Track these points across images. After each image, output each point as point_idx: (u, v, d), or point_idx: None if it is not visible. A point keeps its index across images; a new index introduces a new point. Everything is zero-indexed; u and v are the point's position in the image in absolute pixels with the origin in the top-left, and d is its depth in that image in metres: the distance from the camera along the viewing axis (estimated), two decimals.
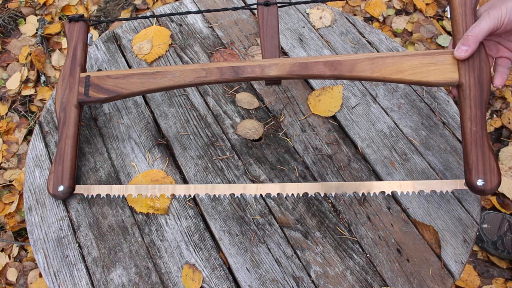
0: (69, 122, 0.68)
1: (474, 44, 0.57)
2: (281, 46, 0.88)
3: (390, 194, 0.69)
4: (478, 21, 0.56)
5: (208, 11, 0.74)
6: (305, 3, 0.72)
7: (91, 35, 0.74)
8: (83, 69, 0.71)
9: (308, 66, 0.63)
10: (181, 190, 0.68)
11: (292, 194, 0.68)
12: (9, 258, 1.22)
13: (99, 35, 1.60)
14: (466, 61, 0.59)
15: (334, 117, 0.78)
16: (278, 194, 0.68)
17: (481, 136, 0.58)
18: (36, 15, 1.68)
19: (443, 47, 1.53)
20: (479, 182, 0.58)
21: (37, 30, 1.62)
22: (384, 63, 0.61)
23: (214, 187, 0.68)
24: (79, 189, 0.68)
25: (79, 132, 0.70)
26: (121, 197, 0.69)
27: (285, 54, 0.87)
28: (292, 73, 0.63)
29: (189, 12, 0.74)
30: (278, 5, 0.69)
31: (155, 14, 0.90)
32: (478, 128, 0.58)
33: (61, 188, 0.66)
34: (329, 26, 0.90)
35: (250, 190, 0.67)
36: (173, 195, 0.70)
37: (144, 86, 0.66)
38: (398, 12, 1.64)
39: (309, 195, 0.69)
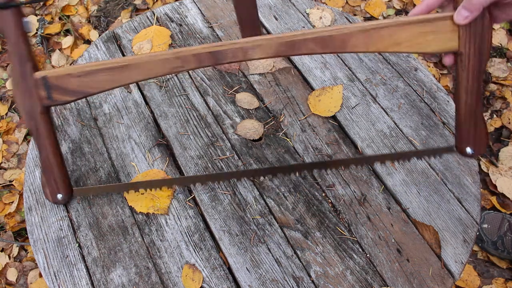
0: (42, 132, 0.60)
1: (477, 11, 0.49)
2: None
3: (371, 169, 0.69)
4: None
5: None
6: None
7: (26, 20, 0.59)
8: (35, 67, 0.59)
9: (296, 44, 0.56)
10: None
11: (291, 192, 0.68)
12: (9, 258, 1.22)
13: (99, 35, 1.60)
14: (468, 28, 0.52)
15: (334, 117, 0.79)
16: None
17: (475, 108, 0.56)
18: (36, 15, 1.67)
19: None
20: (468, 150, 0.60)
21: (37, 30, 1.62)
22: (380, 35, 0.55)
23: None
24: (77, 191, 0.69)
25: (55, 135, 0.63)
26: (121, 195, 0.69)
27: None
28: (279, 53, 0.57)
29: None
30: None
31: (148, 14, 0.90)
32: (473, 100, 0.56)
33: (60, 196, 0.66)
34: (329, 26, 0.90)
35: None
36: (172, 191, 0.70)
37: (114, 82, 0.59)
38: (398, 12, 1.64)
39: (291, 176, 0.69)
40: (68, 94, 0.59)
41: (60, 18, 1.67)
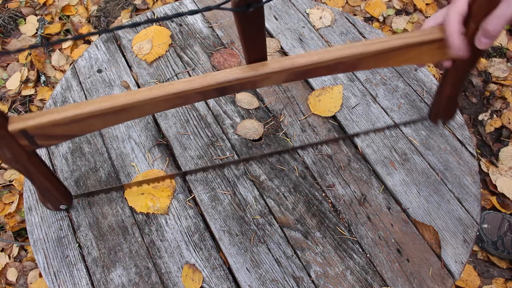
0: (33, 170, 0.56)
1: (496, 37, 0.50)
2: (281, 46, 0.88)
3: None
4: (499, 9, 0.47)
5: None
6: None
7: None
8: (5, 117, 0.48)
9: (308, 72, 0.53)
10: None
11: (291, 192, 0.68)
12: (9, 258, 1.22)
13: (99, 35, 1.60)
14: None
15: (334, 117, 0.78)
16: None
17: (455, 95, 0.60)
18: (36, 15, 1.67)
19: None
20: (440, 121, 0.71)
21: (37, 30, 1.62)
22: (388, 57, 0.55)
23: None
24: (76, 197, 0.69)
25: (44, 163, 0.58)
26: (120, 194, 0.69)
27: (285, 54, 0.87)
28: (288, 81, 0.54)
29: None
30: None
31: (150, 16, 0.89)
32: (455, 91, 0.59)
33: (62, 206, 0.67)
34: (329, 26, 0.90)
35: None
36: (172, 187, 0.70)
37: (106, 125, 0.52)
38: (398, 12, 1.64)
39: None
40: (54, 139, 0.52)
41: (60, 18, 1.67)
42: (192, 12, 0.42)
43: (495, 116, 1.41)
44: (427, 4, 1.62)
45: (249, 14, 0.44)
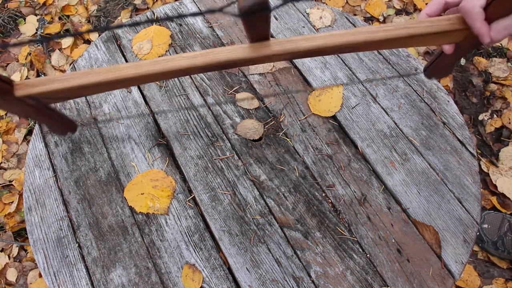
0: (40, 118, 0.59)
1: (500, 39, 0.51)
2: None
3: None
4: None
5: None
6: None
7: None
8: (11, 85, 0.52)
9: (309, 54, 0.53)
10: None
11: (291, 192, 0.68)
12: (9, 258, 1.22)
13: (99, 35, 1.60)
14: None
15: (334, 117, 0.78)
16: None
17: (453, 64, 0.62)
18: (36, 15, 1.67)
19: None
20: (434, 78, 0.74)
21: (37, 30, 1.62)
22: (393, 43, 0.54)
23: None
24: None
25: (48, 107, 0.59)
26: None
27: None
28: (289, 59, 0.56)
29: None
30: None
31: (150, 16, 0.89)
32: (454, 61, 0.60)
33: (69, 133, 0.66)
34: (329, 26, 0.90)
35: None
36: (173, 191, 0.70)
37: (107, 90, 0.55)
38: (398, 12, 1.64)
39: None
40: (59, 99, 0.56)
41: (60, 18, 1.67)
42: (196, 14, 0.43)
43: (495, 116, 1.41)
44: (427, 4, 1.62)
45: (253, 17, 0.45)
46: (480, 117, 1.41)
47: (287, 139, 0.76)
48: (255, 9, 0.42)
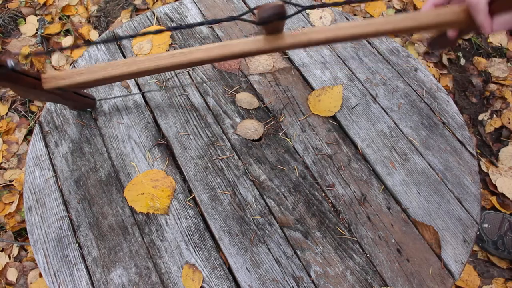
0: (63, 101, 0.68)
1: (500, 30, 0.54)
2: None
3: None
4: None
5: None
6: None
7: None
8: (39, 80, 0.58)
9: (319, 44, 0.55)
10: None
11: (291, 192, 0.68)
12: (9, 258, 1.22)
13: (99, 35, 1.60)
14: None
15: (334, 117, 0.78)
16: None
17: (455, 41, 0.62)
18: (36, 15, 1.67)
19: None
20: (435, 49, 0.70)
21: (37, 30, 1.62)
22: (400, 32, 0.57)
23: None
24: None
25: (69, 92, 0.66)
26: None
27: (285, 54, 0.87)
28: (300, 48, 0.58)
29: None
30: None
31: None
32: (455, 42, 0.62)
33: (89, 109, 0.77)
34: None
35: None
36: (173, 193, 0.70)
37: (126, 79, 0.61)
38: (398, 12, 1.64)
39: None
40: (83, 88, 0.68)
41: (60, 18, 1.67)
42: (214, 21, 0.50)
43: (495, 116, 1.41)
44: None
45: None
46: (480, 117, 1.41)
47: (287, 139, 0.76)
48: (272, 19, 0.47)
